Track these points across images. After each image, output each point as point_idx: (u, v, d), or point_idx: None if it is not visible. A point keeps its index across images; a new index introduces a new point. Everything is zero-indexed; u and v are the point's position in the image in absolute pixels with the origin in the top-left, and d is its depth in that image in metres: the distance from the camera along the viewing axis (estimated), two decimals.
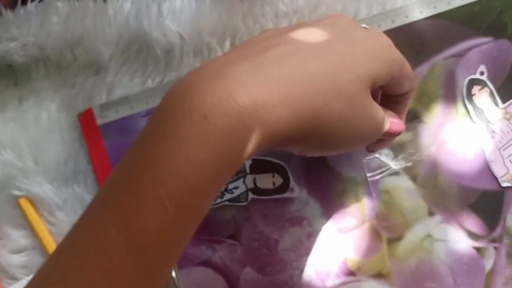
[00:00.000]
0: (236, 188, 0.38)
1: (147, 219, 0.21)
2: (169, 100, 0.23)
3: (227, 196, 0.37)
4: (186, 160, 0.21)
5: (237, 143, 0.22)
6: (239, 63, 0.23)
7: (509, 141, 0.38)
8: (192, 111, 0.21)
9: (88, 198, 0.39)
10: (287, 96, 0.23)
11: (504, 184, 0.37)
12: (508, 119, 0.38)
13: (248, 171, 0.38)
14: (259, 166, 0.38)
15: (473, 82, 0.38)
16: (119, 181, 0.22)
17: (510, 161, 0.37)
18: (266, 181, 0.38)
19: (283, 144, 0.25)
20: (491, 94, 0.38)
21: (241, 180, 0.38)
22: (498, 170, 0.37)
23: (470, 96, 0.38)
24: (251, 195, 0.38)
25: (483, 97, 0.38)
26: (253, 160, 0.38)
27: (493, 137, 0.38)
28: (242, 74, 0.23)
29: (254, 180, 0.38)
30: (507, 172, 0.37)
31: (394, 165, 0.38)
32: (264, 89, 0.23)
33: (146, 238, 0.21)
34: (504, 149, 0.38)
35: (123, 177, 0.22)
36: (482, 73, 0.38)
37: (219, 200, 0.37)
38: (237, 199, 0.38)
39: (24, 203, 0.39)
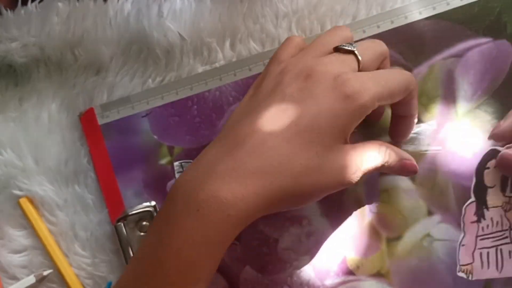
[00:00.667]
0: None
1: (153, 283, 0.28)
2: (174, 194, 0.29)
3: None
4: (184, 242, 0.28)
5: (223, 228, 0.28)
6: (222, 162, 0.29)
7: (491, 233, 0.36)
8: (188, 206, 0.28)
9: (88, 198, 0.39)
10: (261, 186, 0.29)
11: (459, 274, 0.36)
12: (506, 210, 0.36)
13: None
14: None
15: (494, 155, 0.36)
16: (142, 256, 0.29)
17: (480, 253, 0.36)
18: None
19: (260, 215, 0.30)
20: (505, 176, 0.36)
21: None
22: (463, 257, 0.36)
23: (483, 168, 0.36)
24: None
25: (495, 176, 0.36)
26: None
27: (479, 221, 0.36)
28: (225, 173, 0.29)
29: None
30: (471, 263, 0.36)
31: None
32: (242, 185, 0.28)
33: None
34: (481, 239, 0.36)
35: (145, 253, 0.29)
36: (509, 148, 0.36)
37: None
38: None
39: (25, 203, 0.39)
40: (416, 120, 0.36)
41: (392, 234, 0.37)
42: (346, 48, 0.32)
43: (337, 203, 0.38)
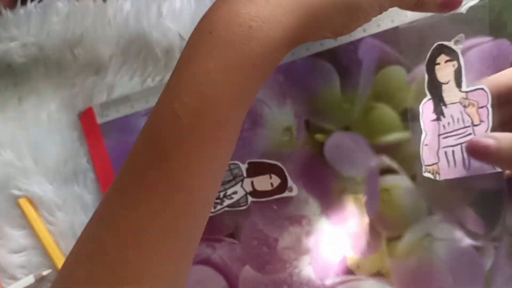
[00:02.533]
0: (235, 193, 0.38)
1: (164, 129, 0.23)
2: (191, 34, 0.25)
3: (227, 202, 0.37)
4: (195, 74, 0.23)
5: (244, 48, 0.23)
6: None
7: (454, 130, 0.33)
8: (200, 31, 0.24)
9: (88, 198, 0.39)
10: None
11: (425, 174, 0.33)
12: (465, 106, 0.33)
13: (245, 175, 0.38)
14: (255, 168, 0.38)
15: (442, 49, 0.33)
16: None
17: (445, 152, 0.33)
18: (264, 182, 0.38)
19: (301, 40, 0.25)
20: (458, 71, 0.33)
21: (239, 184, 0.38)
22: (427, 157, 0.33)
23: (433, 64, 0.33)
24: (250, 199, 0.38)
25: (447, 71, 0.32)
26: (249, 163, 0.38)
27: (439, 119, 0.33)
28: None
29: (252, 183, 0.38)
30: (436, 163, 0.33)
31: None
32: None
33: (163, 145, 0.23)
34: (444, 137, 0.33)
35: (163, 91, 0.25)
36: (457, 42, 0.34)
37: (218, 207, 0.37)
38: (237, 204, 0.38)
39: (24, 203, 0.39)
40: None
41: (392, 233, 0.37)
42: None
43: (337, 203, 0.38)
